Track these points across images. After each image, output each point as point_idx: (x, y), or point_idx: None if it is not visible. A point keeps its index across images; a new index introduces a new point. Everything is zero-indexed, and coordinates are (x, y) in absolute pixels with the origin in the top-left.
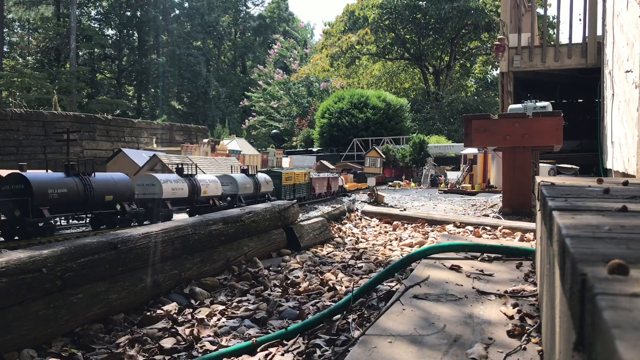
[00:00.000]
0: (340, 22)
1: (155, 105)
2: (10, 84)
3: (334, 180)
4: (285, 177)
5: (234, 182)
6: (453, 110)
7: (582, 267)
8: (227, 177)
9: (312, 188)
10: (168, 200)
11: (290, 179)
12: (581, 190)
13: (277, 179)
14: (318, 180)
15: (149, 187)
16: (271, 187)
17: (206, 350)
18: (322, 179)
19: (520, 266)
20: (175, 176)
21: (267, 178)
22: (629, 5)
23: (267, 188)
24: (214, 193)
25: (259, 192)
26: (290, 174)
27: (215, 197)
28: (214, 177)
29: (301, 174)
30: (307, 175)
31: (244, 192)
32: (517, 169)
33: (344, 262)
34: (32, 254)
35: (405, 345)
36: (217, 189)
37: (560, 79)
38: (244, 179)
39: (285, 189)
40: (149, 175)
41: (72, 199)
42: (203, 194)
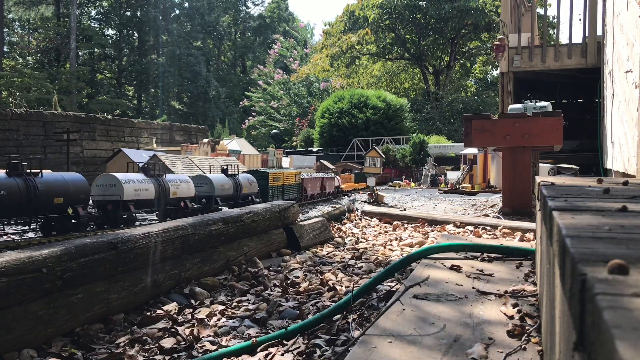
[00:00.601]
0: (340, 22)
1: (155, 105)
2: (10, 84)
3: (329, 181)
4: (273, 177)
5: (210, 182)
6: (453, 110)
7: (582, 267)
8: (201, 177)
9: (303, 189)
10: (131, 202)
11: (278, 179)
12: (581, 190)
13: (263, 180)
14: (310, 181)
15: (109, 188)
16: (255, 189)
17: (206, 350)
18: (315, 180)
19: (520, 266)
20: (140, 176)
21: (251, 178)
22: (629, 5)
23: (250, 189)
24: (186, 194)
25: (240, 193)
26: (278, 174)
27: (187, 199)
28: (185, 177)
29: (291, 174)
30: (297, 175)
31: (222, 194)
32: (517, 169)
33: (344, 262)
34: (31, 254)
35: (405, 345)
36: (190, 189)
37: (560, 79)
38: (222, 179)
39: (273, 191)
40: (108, 174)
41: (13, 202)
42: (172, 195)
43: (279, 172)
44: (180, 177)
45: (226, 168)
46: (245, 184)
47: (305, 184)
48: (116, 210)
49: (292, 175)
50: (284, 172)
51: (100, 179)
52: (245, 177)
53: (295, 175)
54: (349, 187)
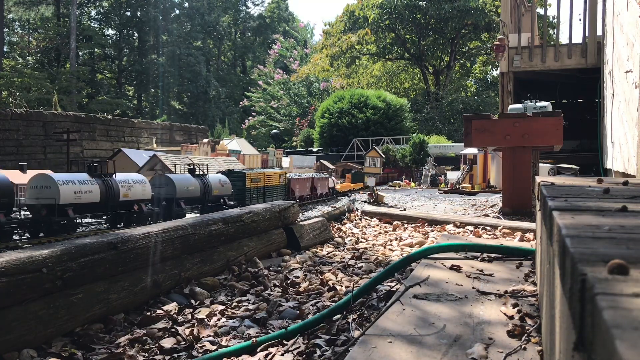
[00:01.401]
0: (340, 22)
1: (155, 105)
2: (10, 84)
3: (322, 181)
4: (251, 178)
5: (171, 183)
6: (453, 110)
7: (582, 267)
8: (162, 177)
9: (290, 191)
10: (69, 206)
11: (257, 180)
12: (581, 190)
13: (240, 181)
14: (298, 182)
15: (43, 190)
16: (228, 190)
17: (206, 350)
18: (304, 180)
19: (520, 266)
20: (83, 176)
21: (223, 179)
22: (629, 5)
23: (222, 191)
24: (140, 196)
25: (209, 195)
26: (258, 174)
27: (142, 202)
28: (140, 177)
29: (274, 174)
30: (283, 176)
31: (186, 196)
32: (517, 169)
33: (344, 262)
34: (32, 254)
35: (405, 345)
36: (145, 191)
37: (560, 79)
38: (186, 179)
39: (251, 193)
40: (42, 174)
41: None
42: (123, 197)
43: (259, 173)
44: (134, 177)
45: (193, 167)
46: (215, 185)
47: (293, 185)
48: (51, 216)
49: (276, 175)
50: (265, 172)
51: (34, 180)
52: (216, 177)
53: (279, 175)
54: (345, 188)
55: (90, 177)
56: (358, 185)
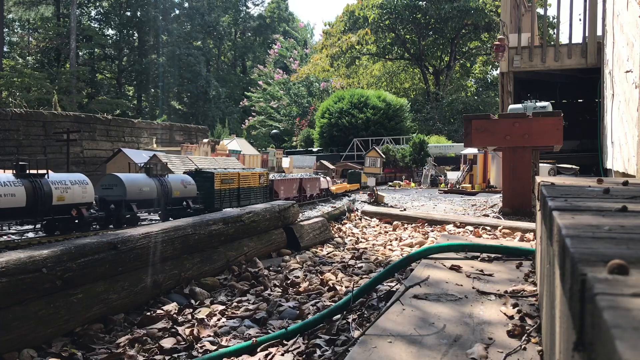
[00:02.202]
0: (340, 22)
1: (155, 105)
2: (10, 84)
3: (311, 182)
4: (221, 179)
5: (120, 184)
6: (453, 110)
7: (582, 267)
8: (111, 177)
9: (274, 193)
10: None
11: (230, 181)
12: (581, 190)
13: (208, 182)
14: (283, 183)
15: None
16: (193, 192)
17: (206, 350)
18: (290, 181)
19: (520, 266)
20: (7, 176)
21: (187, 180)
22: (629, 5)
23: (185, 193)
24: (79, 199)
25: (168, 197)
26: (231, 175)
27: (82, 205)
28: (81, 178)
29: (253, 175)
30: (264, 176)
31: (139, 198)
32: (517, 169)
33: (344, 262)
34: (32, 254)
35: (405, 345)
36: (86, 193)
37: (560, 79)
38: (140, 180)
39: (222, 195)
40: None
41: None
42: (58, 200)
43: (232, 173)
44: (72, 177)
45: (150, 167)
46: (176, 187)
47: (277, 186)
48: None
49: (255, 176)
50: (241, 172)
51: None
52: (178, 178)
53: (259, 176)
54: (340, 189)
55: (15, 178)
56: (355, 186)
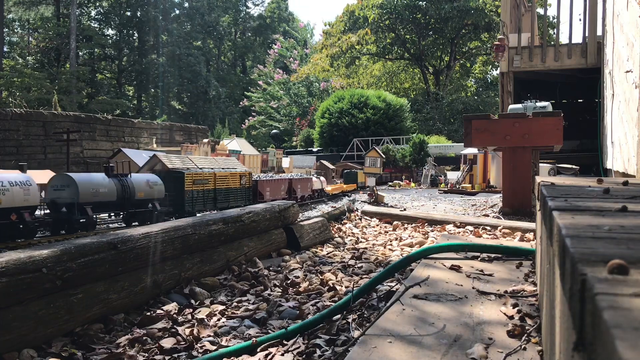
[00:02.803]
0: (340, 22)
1: (155, 105)
2: (10, 84)
3: (302, 183)
4: (193, 179)
5: (72, 184)
6: (453, 110)
7: (582, 267)
8: (61, 177)
9: (259, 194)
10: None
11: (204, 181)
12: (581, 190)
13: (177, 182)
14: (269, 184)
15: None
16: (160, 193)
17: (206, 350)
18: (277, 182)
19: (520, 266)
20: None
21: (153, 180)
22: (629, 5)
23: (150, 194)
24: (21, 203)
25: (131, 200)
26: (205, 175)
27: (24, 210)
28: (23, 178)
29: (233, 175)
30: (245, 177)
31: (94, 200)
32: (517, 169)
33: (344, 262)
34: (32, 254)
35: (405, 345)
36: (30, 196)
37: (560, 79)
38: (96, 180)
39: (194, 196)
40: None
41: None
42: None
43: (207, 173)
44: (12, 177)
45: (109, 166)
46: (140, 187)
47: (261, 187)
48: None
49: (235, 176)
50: (217, 172)
51: None
52: (143, 178)
53: (240, 176)
54: (336, 190)
55: None
56: (351, 187)
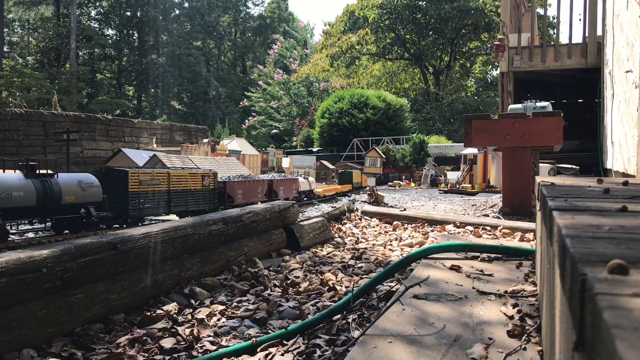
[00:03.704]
0: (340, 22)
1: (155, 105)
2: (10, 84)
3: (287, 184)
4: (140, 179)
5: None
6: (453, 111)
7: (582, 267)
8: None
9: (227, 197)
10: None
11: (155, 182)
12: (581, 190)
13: (120, 183)
14: (242, 185)
15: None
16: (97, 196)
17: (206, 350)
18: (253, 184)
19: (520, 266)
20: None
21: (88, 181)
22: (629, 5)
23: (84, 197)
24: None
25: (58, 203)
26: (157, 175)
27: None
28: None
29: (192, 175)
30: (209, 177)
31: (5, 205)
32: (517, 169)
33: (343, 262)
34: (32, 254)
35: (405, 345)
36: None
37: (560, 79)
38: (8, 181)
39: (141, 199)
40: None
41: None
42: None
43: (159, 172)
44: None
45: (30, 164)
46: (69, 190)
47: (232, 189)
48: None
49: (196, 177)
50: (172, 172)
51: None
52: (74, 178)
53: (202, 177)
54: (329, 191)
55: None
56: (346, 187)
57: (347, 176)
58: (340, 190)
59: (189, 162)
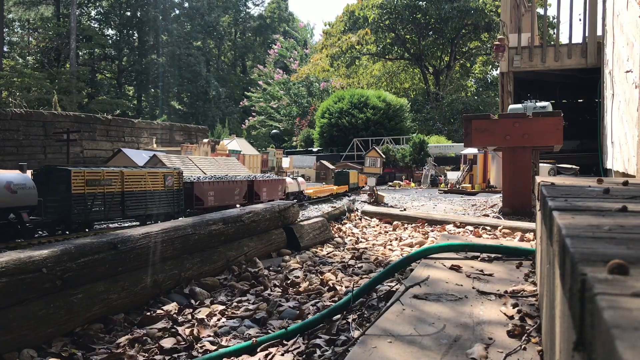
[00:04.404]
0: (340, 22)
1: (155, 105)
2: (10, 84)
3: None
4: (87, 179)
5: None
6: (453, 110)
7: (582, 267)
8: None
9: (196, 199)
10: None
11: (105, 183)
12: (581, 190)
13: (62, 184)
14: (213, 187)
15: None
16: (30, 200)
17: (206, 350)
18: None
19: (520, 266)
20: None
21: (19, 181)
22: (629, 5)
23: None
24: None
25: None
26: (107, 174)
27: None
28: None
29: (151, 174)
30: (172, 177)
31: None
32: (517, 169)
33: (344, 262)
34: (32, 254)
35: (405, 345)
36: None
37: (560, 79)
38: None
39: (87, 202)
40: None
41: None
42: None
43: (110, 172)
44: None
45: None
46: None
47: (201, 191)
48: None
49: (156, 176)
50: (126, 171)
51: None
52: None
53: (164, 176)
54: (322, 192)
55: None
56: (342, 188)
57: (344, 176)
58: (336, 192)
59: (189, 162)
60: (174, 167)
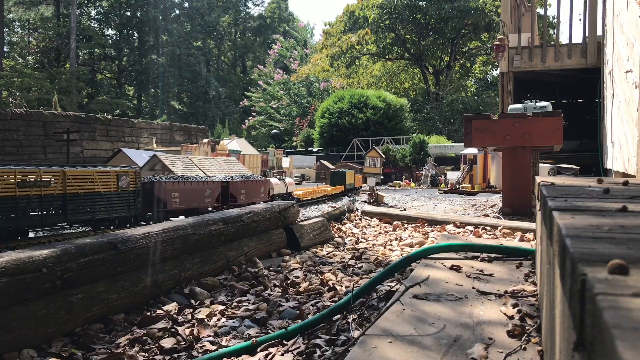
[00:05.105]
0: (340, 22)
1: (155, 105)
2: (10, 84)
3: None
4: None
5: None
6: (453, 111)
7: (582, 267)
8: None
9: (158, 202)
10: None
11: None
12: (581, 190)
13: None
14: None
15: None
16: None
17: (206, 350)
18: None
19: (520, 266)
20: None
21: None
22: (629, 5)
23: None
24: None
25: None
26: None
27: None
28: None
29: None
30: (127, 177)
31: None
32: (517, 169)
33: (344, 262)
34: (32, 254)
35: (405, 345)
36: None
37: (560, 79)
38: None
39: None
40: None
41: None
42: None
43: (51, 171)
44: None
45: None
46: None
47: (163, 193)
48: None
49: (107, 176)
50: (69, 171)
51: None
52: None
53: (117, 176)
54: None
55: None
56: (338, 189)
57: (340, 177)
58: (330, 193)
59: (189, 162)
60: (173, 167)
